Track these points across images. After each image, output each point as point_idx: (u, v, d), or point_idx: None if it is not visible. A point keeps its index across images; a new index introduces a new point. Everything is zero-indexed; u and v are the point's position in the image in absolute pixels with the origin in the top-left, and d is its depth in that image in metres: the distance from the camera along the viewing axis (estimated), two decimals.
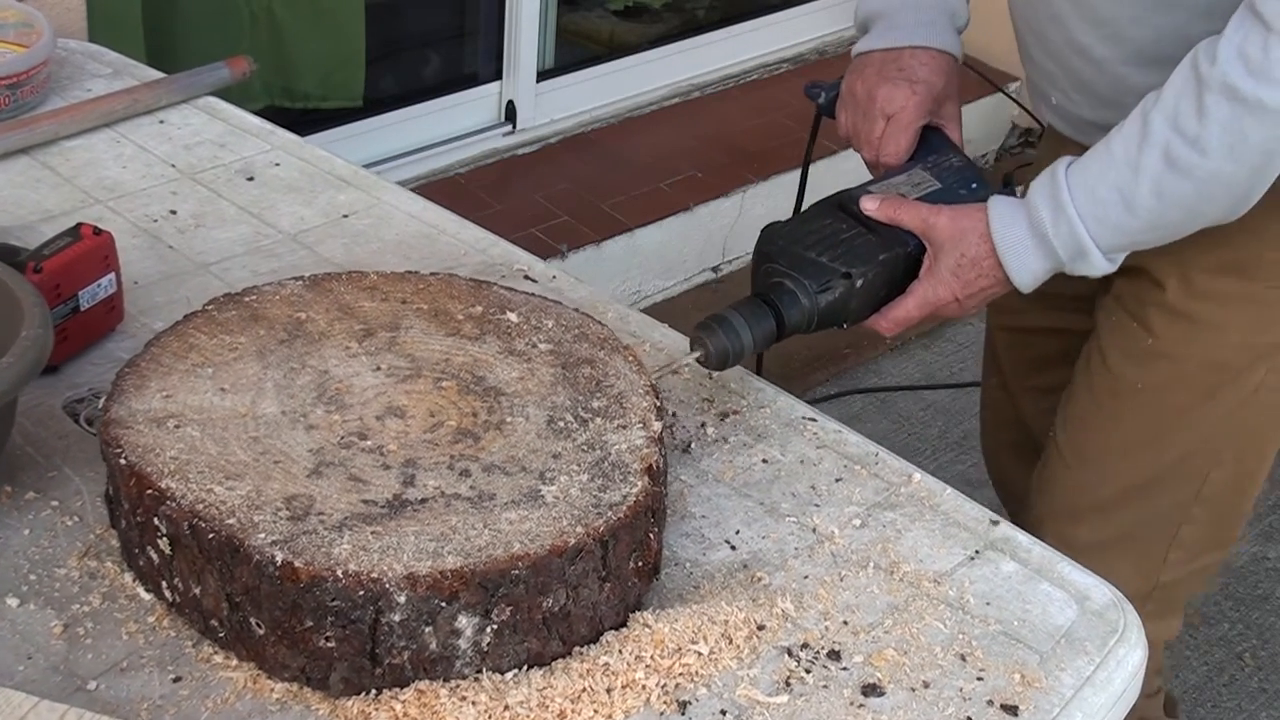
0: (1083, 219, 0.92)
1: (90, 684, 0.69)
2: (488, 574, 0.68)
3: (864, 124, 1.08)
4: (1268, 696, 1.82)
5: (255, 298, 0.88)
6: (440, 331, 0.87)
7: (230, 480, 0.71)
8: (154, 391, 0.78)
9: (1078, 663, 0.77)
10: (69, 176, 1.17)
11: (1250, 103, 0.84)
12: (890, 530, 0.86)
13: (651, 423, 0.80)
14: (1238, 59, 0.84)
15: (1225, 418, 1.08)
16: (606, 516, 0.72)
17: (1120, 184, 0.90)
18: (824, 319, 0.95)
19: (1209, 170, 0.87)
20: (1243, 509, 1.17)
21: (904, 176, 1.03)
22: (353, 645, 0.68)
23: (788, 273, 0.94)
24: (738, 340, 0.90)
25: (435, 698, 0.68)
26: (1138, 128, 0.90)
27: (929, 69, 1.06)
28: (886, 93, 1.05)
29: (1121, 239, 0.93)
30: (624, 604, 0.75)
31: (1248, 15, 0.85)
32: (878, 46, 1.08)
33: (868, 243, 0.96)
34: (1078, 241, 0.92)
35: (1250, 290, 1.04)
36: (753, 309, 0.92)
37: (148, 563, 0.73)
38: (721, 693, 0.72)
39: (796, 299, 0.93)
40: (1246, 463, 1.12)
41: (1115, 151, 0.91)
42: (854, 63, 1.11)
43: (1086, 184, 0.92)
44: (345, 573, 0.66)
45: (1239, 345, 1.06)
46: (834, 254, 0.95)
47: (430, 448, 0.76)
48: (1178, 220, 0.92)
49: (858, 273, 0.95)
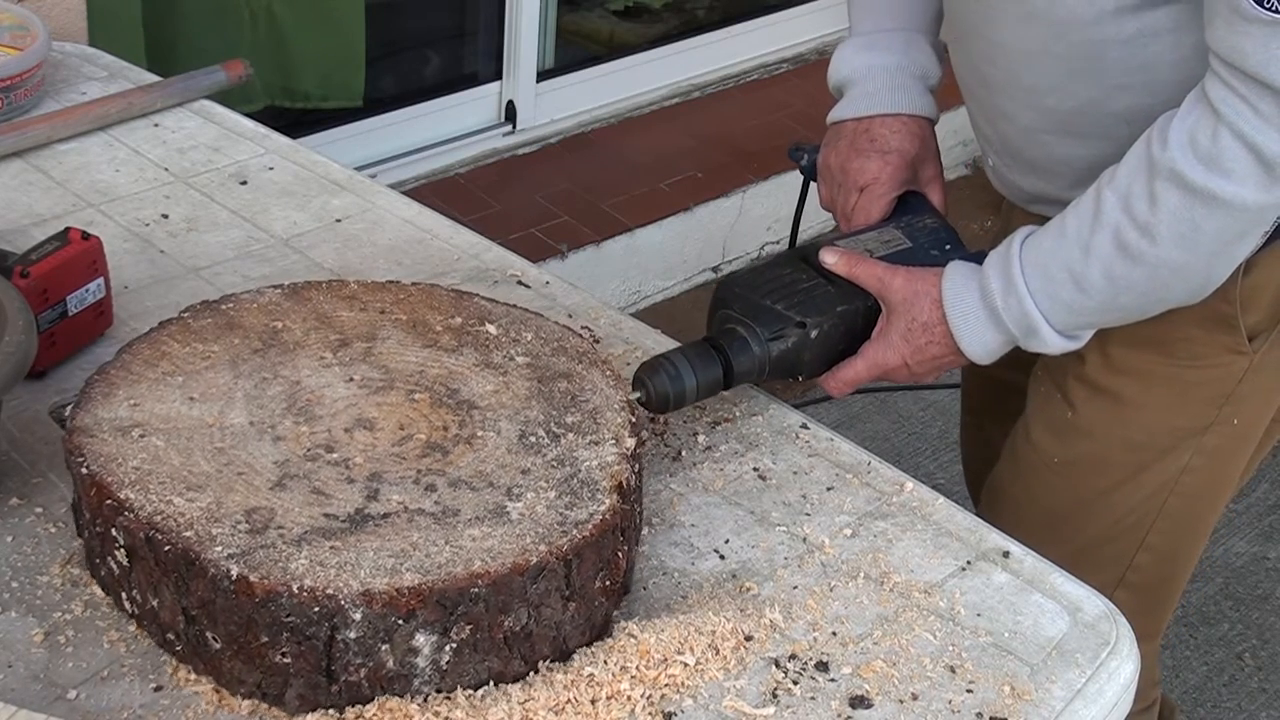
0: (1033, 295, 0.88)
1: (70, 693, 0.69)
2: (446, 592, 0.67)
3: (840, 196, 1.05)
4: (1268, 696, 1.82)
5: (232, 305, 0.87)
6: (417, 343, 0.86)
7: (191, 491, 0.71)
8: (121, 400, 0.77)
9: (1069, 675, 0.76)
10: (61, 180, 1.17)
11: (1201, 193, 0.81)
12: (881, 540, 0.85)
13: (624, 439, 0.79)
14: (1188, 145, 0.81)
15: (1147, 499, 1.03)
16: (571, 535, 0.71)
17: (1071, 264, 0.87)
18: (776, 368, 0.93)
19: (1159, 257, 0.84)
20: (1172, 596, 1.12)
21: (874, 233, 1.01)
22: (308, 661, 0.67)
23: (741, 319, 0.92)
24: (680, 384, 0.88)
25: (406, 716, 0.67)
26: (1091, 206, 0.86)
27: (900, 136, 1.04)
28: (859, 165, 1.03)
29: (1077, 318, 0.89)
30: (590, 623, 0.74)
31: (1199, 99, 0.82)
32: (848, 115, 1.06)
33: (826, 294, 0.94)
34: (1027, 318, 0.89)
35: (1170, 370, 0.99)
36: (700, 353, 0.90)
37: (108, 573, 0.73)
38: (708, 704, 0.72)
39: (747, 345, 0.91)
40: (1174, 548, 1.07)
41: (1068, 229, 0.87)
42: (829, 132, 1.09)
43: (1039, 260, 0.88)
44: (301, 588, 0.65)
45: (1160, 427, 1.01)
46: (789, 302, 0.93)
47: (397, 461, 0.75)
48: (1133, 303, 0.88)
49: (813, 323, 0.93)
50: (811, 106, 2.61)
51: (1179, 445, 1.01)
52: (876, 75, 1.05)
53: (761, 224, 2.50)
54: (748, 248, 2.51)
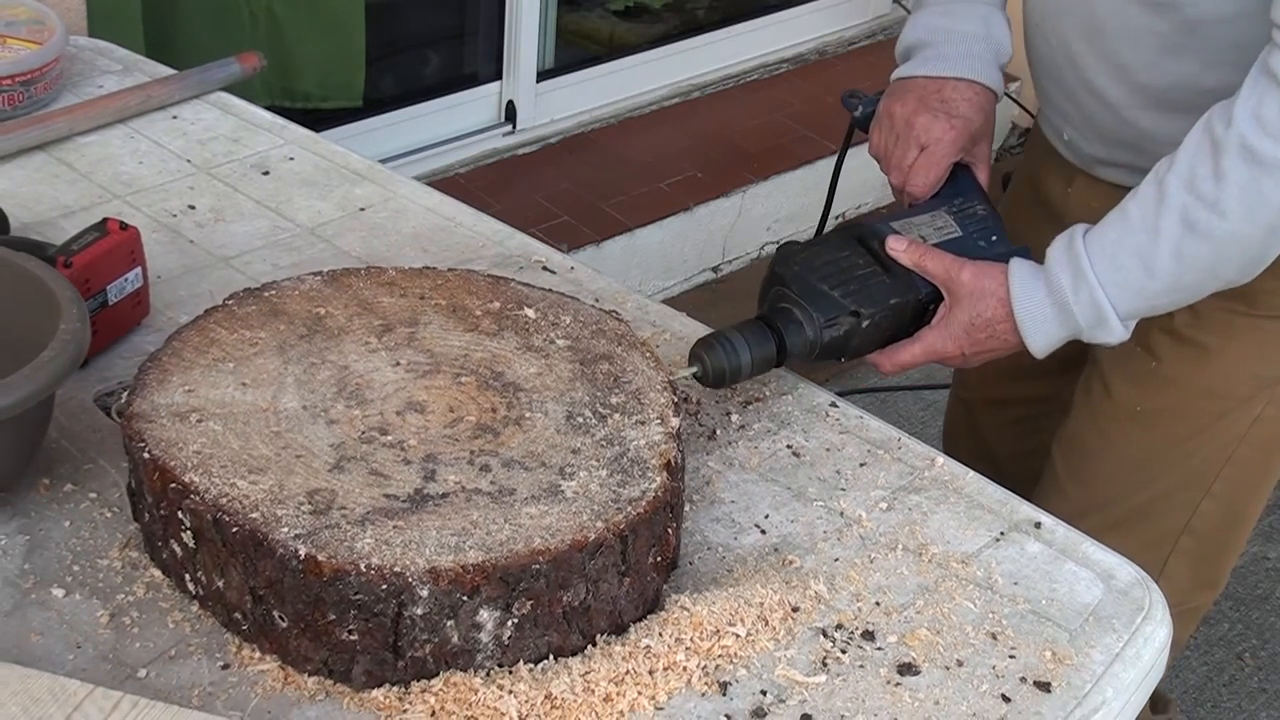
0: (1103, 285, 0.92)
1: (140, 671, 0.70)
2: (509, 568, 0.68)
3: (897, 149, 1.06)
4: (1268, 696, 1.83)
5: (275, 293, 0.88)
6: (459, 327, 0.87)
7: (253, 474, 0.72)
8: (176, 386, 0.78)
9: (1106, 640, 0.78)
10: (85, 172, 1.17)
11: (1268, 164, 0.85)
12: (916, 513, 0.87)
13: (669, 418, 0.80)
14: (1253, 120, 0.85)
15: (1221, 448, 1.08)
16: (626, 512, 0.73)
17: (1139, 249, 0.90)
18: (824, 351, 0.95)
19: (1227, 231, 0.88)
20: (1233, 546, 1.16)
21: (927, 217, 1.03)
22: (375, 638, 0.68)
23: (797, 301, 0.94)
24: (736, 360, 0.90)
25: (470, 690, 0.68)
26: (1154, 192, 0.90)
27: (970, 104, 1.05)
28: (925, 122, 1.04)
29: (1140, 303, 0.93)
30: (643, 598, 0.76)
31: (1261, 77, 0.86)
32: (921, 73, 1.07)
33: (881, 284, 0.96)
34: (1098, 308, 0.92)
35: (1255, 320, 1.04)
36: (756, 331, 0.92)
37: (171, 556, 0.74)
38: (760, 673, 0.73)
39: (802, 329, 0.93)
40: (1239, 496, 1.12)
41: (1132, 217, 0.91)
42: (893, 85, 1.09)
43: (1105, 250, 0.92)
44: (368, 566, 0.67)
45: (1243, 375, 1.06)
46: (846, 290, 0.95)
47: (450, 443, 0.77)
48: (1194, 282, 0.92)
49: (866, 313, 0.95)
50: (811, 106, 2.63)
51: (1256, 395, 1.07)
52: (955, 40, 1.07)
53: (761, 224, 2.51)
54: (748, 248, 2.52)
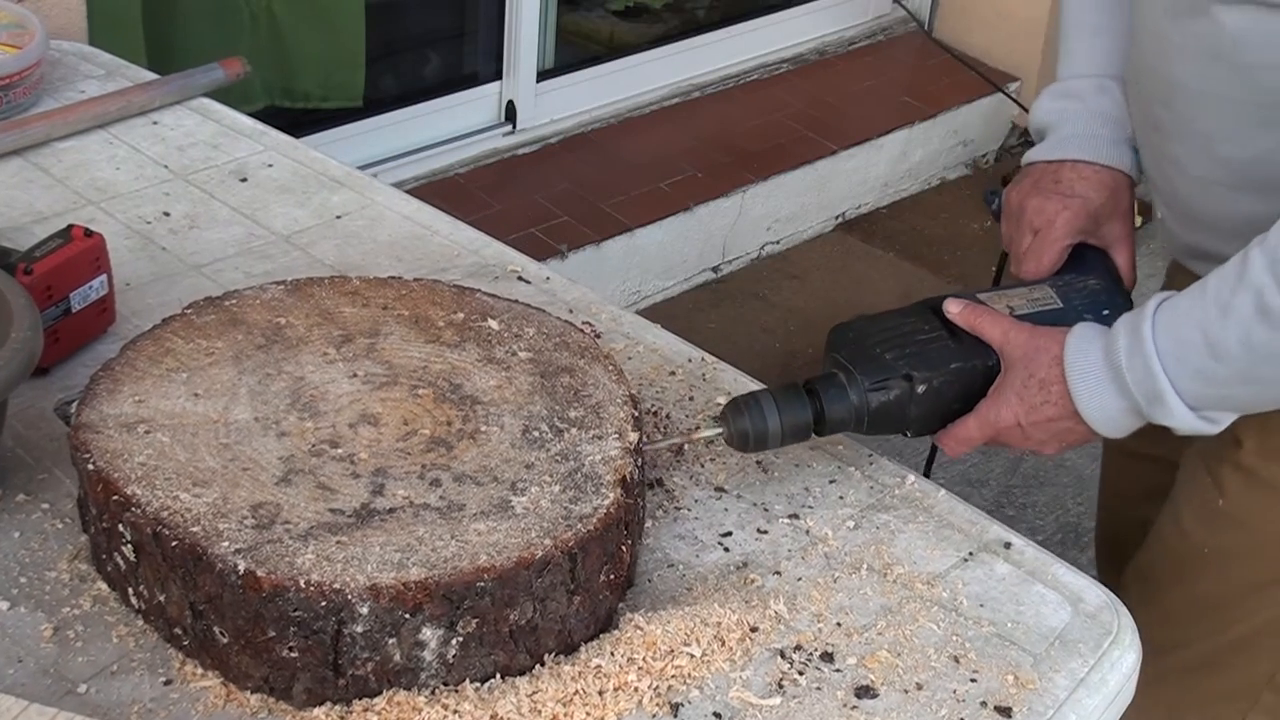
0: (1160, 356, 0.81)
1: (80, 687, 0.69)
2: (453, 586, 0.67)
3: (1015, 235, 1.01)
4: None
5: (235, 302, 0.87)
6: (420, 338, 0.86)
7: (197, 487, 0.71)
8: (126, 396, 0.77)
9: (1071, 664, 0.77)
10: (61, 178, 1.17)
11: None
12: (884, 532, 0.85)
13: (628, 433, 0.79)
14: None
15: None
16: (576, 529, 0.71)
17: (1205, 324, 0.79)
18: (877, 420, 0.87)
19: None
20: None
21: (1024, 289, 0.95)
22: (315, 656, 0.67)
23: (844, 365, 0.87)
24: (763, 424, 0.84)
25: (414, 709, 0.67)
26: (1237, 267, 0.79)
27: (1088, 184, 0.99)
28: (1037, 204, 0.99)
29: (1207, 389, 0.81)
30: (594, 617, 0.74)
31: None
32: (1040, 158, 1.03)
33: (944, 349, 0.88)
34: (1153, 379, 0.81)
35: None
36: (791, 396, 0.86)
37: (115, 568, 0.73)
38: (714, 695, 0.72)
39: (845, 393, 0.86)
40: None
41: (1208, 289, 0.80)
42: (1019, 173, 1.05)
43: (1172, 320, 0.81)
44: (308, 583, 0.65)
45: None
46: (900, 353, 0.87)
47: (402, 456, 0.76)
48: (1274, 378, 0.80)
49: (920, 377, 0.86)
50: (812, 106, 2.61)
51: None
52: (1076, 120, 1.02)
53: (761, 224, 2.50)
54: (748, 248, 2.51)
